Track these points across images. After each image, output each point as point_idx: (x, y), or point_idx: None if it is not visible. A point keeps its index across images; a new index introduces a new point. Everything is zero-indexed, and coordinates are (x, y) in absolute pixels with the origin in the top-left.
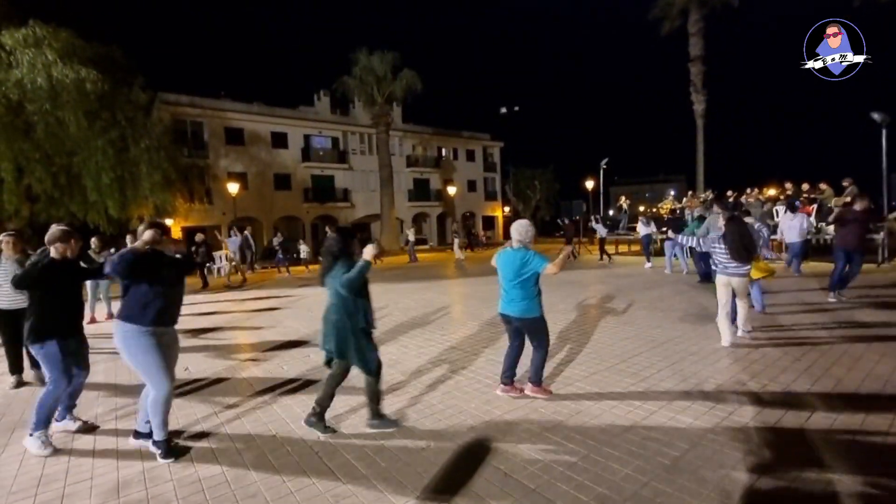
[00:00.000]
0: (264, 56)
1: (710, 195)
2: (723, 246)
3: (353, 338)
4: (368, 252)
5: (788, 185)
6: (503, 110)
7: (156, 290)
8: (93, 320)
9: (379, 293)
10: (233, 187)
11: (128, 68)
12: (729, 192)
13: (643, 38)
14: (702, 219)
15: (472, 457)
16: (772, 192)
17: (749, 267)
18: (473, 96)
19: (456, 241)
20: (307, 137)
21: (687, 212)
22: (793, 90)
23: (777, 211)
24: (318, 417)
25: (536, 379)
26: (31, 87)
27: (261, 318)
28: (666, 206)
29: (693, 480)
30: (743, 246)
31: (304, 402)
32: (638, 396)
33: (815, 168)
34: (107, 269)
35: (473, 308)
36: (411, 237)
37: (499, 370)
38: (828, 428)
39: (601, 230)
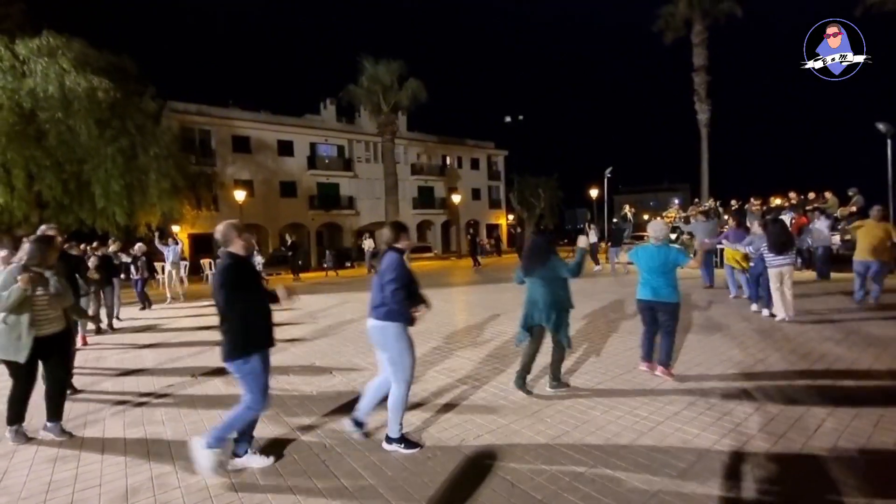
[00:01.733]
0: (271, 65)
1: (714, 204)
2: (766, 244)
3: (565, 315)
4: (583, 241)
5: (792, 195)
6: (508, 119)
7: (413, 289)
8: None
9: None
10: (239, 195)
11: (139, 78)
12: (733, 202)
13: (647, 47)
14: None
15: (478, 467)
16: (777, 201)
17: (791, 258)
18: (478, 105)
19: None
20: (313, 145)
21: (691, 220)
22: (799, 99)
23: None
24: (523, 381)
25: (667, 361)
26: (43, 96)
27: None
28: (671, 215)
29: (701, 492)
30: (782, 241)
31: (326, 414)
32: (644, 407)
33: (821, 177)
34: (391, 275)
35: (479, 317)
36: (367, 248)
37: (505, 379)
38: (834, 441)
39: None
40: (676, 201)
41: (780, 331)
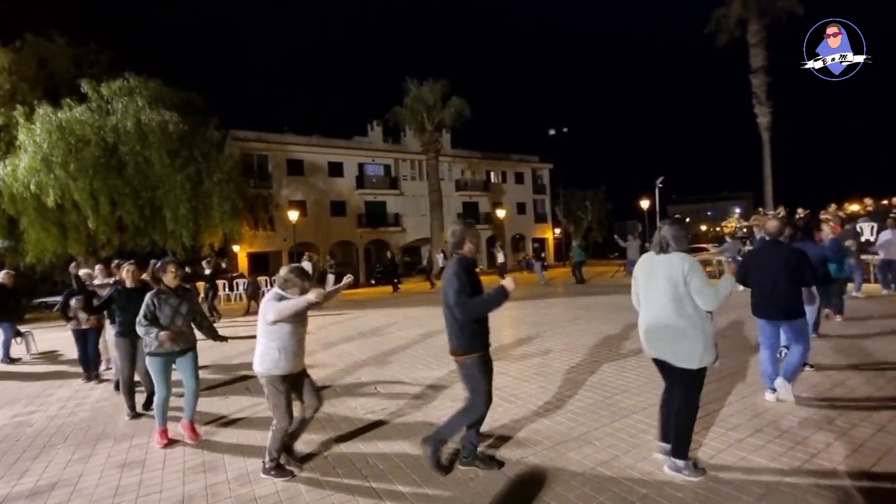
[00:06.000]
0: (322, 90)
1: (780, 213)
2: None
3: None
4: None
5: (868, 202)
6: (552, 132)
7: None
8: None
9: (426, 317)
10: (293, 215)
11: (204, 110)
12: (800, 210)
13: (699, 51)
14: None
15: (521, 492)
16: (854, 207)
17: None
18: (522, 119)
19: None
20: (361, 166)
21: (756, 231)
22: (876, 98)
23: (861, 228)
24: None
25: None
26: (123, 131)
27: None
28: (730, 226)
29: None
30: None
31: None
32: (704, 432)
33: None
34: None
35: (523, 333)
36: (331, 270)
37: (553, 399)
38: None
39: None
40: (737, 210)
41: (862, 351)
